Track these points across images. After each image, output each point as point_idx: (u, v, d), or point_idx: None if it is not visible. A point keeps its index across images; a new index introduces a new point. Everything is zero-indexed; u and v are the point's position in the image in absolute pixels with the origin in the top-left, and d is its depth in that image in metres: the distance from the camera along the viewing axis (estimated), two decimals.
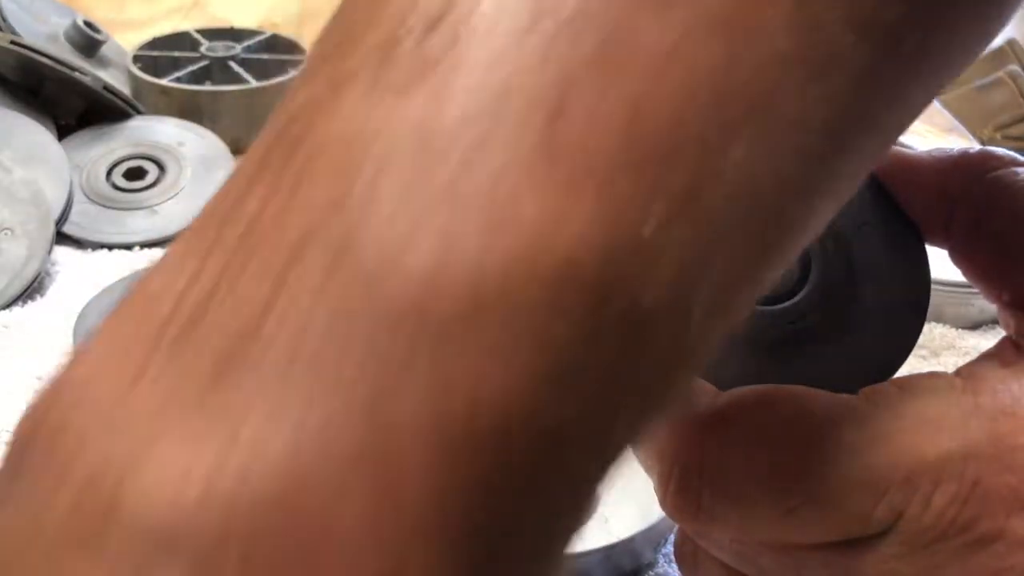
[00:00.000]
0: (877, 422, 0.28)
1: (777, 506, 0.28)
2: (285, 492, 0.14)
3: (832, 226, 0.35)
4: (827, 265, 0.37)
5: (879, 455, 0.28)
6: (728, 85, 0.16)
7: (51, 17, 0.90)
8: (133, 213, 0.72)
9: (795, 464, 0.28)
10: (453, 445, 0.14)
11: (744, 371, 0.35)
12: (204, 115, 0.83)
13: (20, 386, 0.57)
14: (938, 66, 0.22)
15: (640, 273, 0.16)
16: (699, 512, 0.30)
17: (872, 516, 0.28)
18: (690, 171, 0.16)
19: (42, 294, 0.65)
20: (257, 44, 0.93)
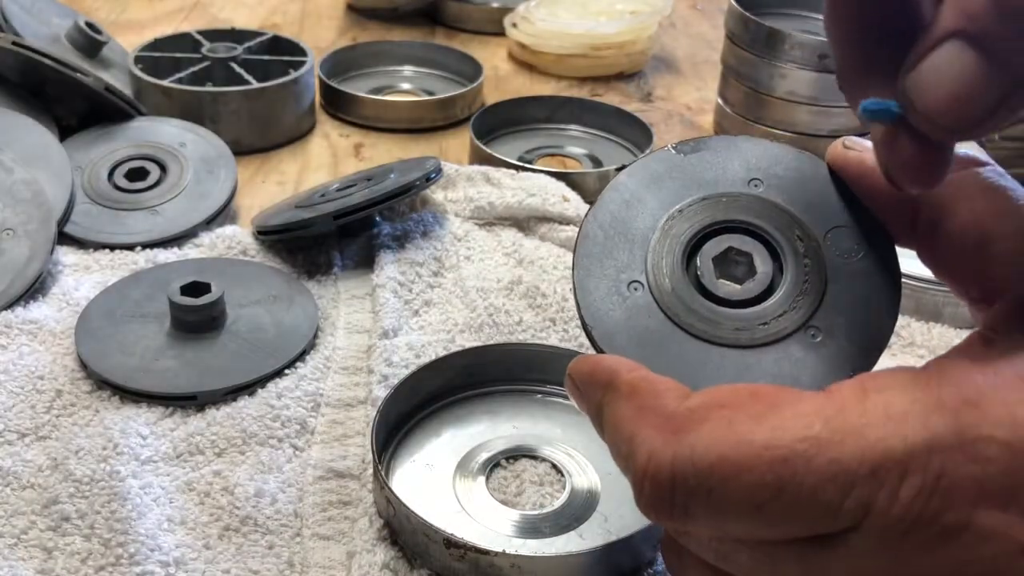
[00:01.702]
0: (843, 417, 0.29)
1: (747, 502, 0.29)
2: None
3: (803, 228, 0.38)
4: (799, 267, 0.38)
5: (845, 450, 0.28)
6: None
7: (53, 18, 0.90)
8: (135, 213, 0.73)
9: (763, 461, 0.29)
10: None
11: (716, 371, 0.36)
12: (205, 116, 0.83)
13: (22, 387, 0.57)
14: None
15: None
16: (672, 510, 0.31)
17: (840, 510, 0.28)
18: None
19: (44, 294, 0.65)
20: (258, 45, 0.93)
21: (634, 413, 0.33)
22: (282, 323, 0.62)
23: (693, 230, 0.39)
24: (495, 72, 1.04)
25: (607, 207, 0.40)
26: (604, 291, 0.38)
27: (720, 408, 0.31)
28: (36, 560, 0.47)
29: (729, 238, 0.39)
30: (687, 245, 0.39)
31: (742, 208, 0.39)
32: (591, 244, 0.39)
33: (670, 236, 0.39)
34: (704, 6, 1.26)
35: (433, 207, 0.75)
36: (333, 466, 0.53)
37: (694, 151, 0.40)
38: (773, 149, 0.40)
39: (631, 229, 0.39)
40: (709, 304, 0.38)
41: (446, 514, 0.50)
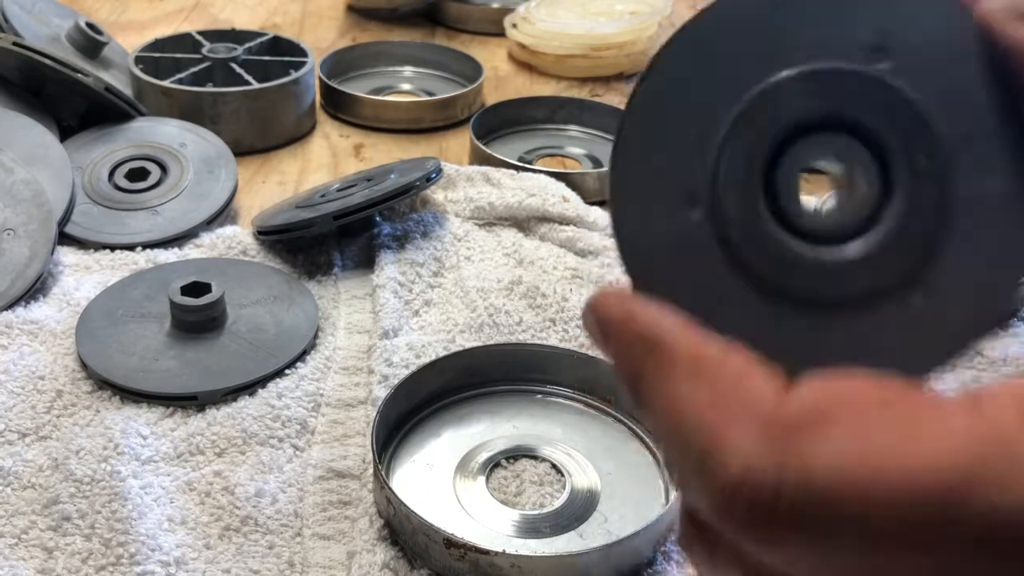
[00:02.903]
0: (1007, 446, 0.23)
1: (877, 542, 0.23)
2: None
3: (932, 134, 0.27)
4: (915, 193, 0.27)
5: (1010, 496, 0.22)
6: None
7: (53, 19, 0.90)
8: (135, 214, 0.73)
9: (908, 495, 0.23)
10: None
11: (778, 337, 0.28)
12: (206, 116, 0.83)
13: (22, 387, 0.57)
14: None
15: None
16: (768, 534, 0.24)
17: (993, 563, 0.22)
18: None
19: (44, 295, 0.65)
20: (259, 46, 0.93)
21: (713, 401, 0.25)
22: (282, 323, 0.62)
23: (779, 125, 0.28)
24: (495, 72, 1.05)
25: (665, 75, 0.29)
26: (650, 201, 0.28)
27: (845, 414, 0.24)
28: (37, 560, 0.47)
29: (826, 142, 0.28)
30: (769, 148, 0.28)
31: (852, 95, 0.27)
32: (639, 128, 0.29)
33: (747, 132, 0.28)
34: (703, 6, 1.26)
35: (433, 207, 0.75)
36: (333, 466, 0.53)
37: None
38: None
39: (695, 114, 0.28)
40: (785, 237, 0.28)
41: (446, 514, 0.50)
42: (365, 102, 0.92)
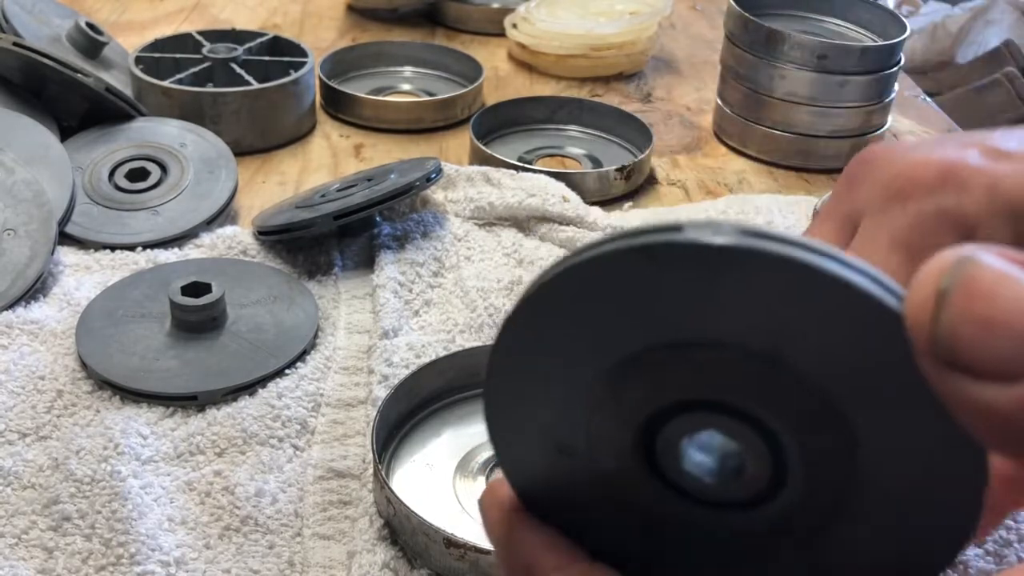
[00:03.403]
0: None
1: None
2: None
3: (832, 416, 0.22)
4: (814, 476, 0.24)
5: None
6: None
7: (53, 19, 0.90)
8: (135, 214, 0.73)
9: None
10: None
11: (668, 564, 0.26)
12: (206, 116, 0.83)
13: (23, 387, 0.57)
14: None
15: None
16: None
17: None
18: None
19: (45, 295, 0.65)
20: (259, 46, 0.93)
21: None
22: (282, 323, 0.62)
23: (651, 403, 0.24)
24: (495, 73, 1.05)
25: (531, 329, 0.25)
26: (527, 442, 0.27)
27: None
28: (37, 560, 0.47)
29: (709, 420, 0.24)
30: (643, 420, 0.25)
31: (738, 380, 0.23)
32: (510, 373, 0.26)
33: (619, 400, 0.24)
34: (703, 7, 1.26)
35: (433, 207, 0.75)
36: (333, 466, 0.53)
37: (682, 269, 0.22)
38: (823, 294, 0.21)
39: (564, 369, 0.25)
40: (668, 496, 0.26)
41: (446, 514, 0.50)
42: (365, 102, 0.92)
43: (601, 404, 0.25)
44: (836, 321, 0.21)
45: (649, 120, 0.89)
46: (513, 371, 0.26)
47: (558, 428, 0.26)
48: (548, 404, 0.26)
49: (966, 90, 2.08)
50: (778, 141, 0.86)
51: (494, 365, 0.26)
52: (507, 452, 0.27)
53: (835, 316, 0.21)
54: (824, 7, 0.91)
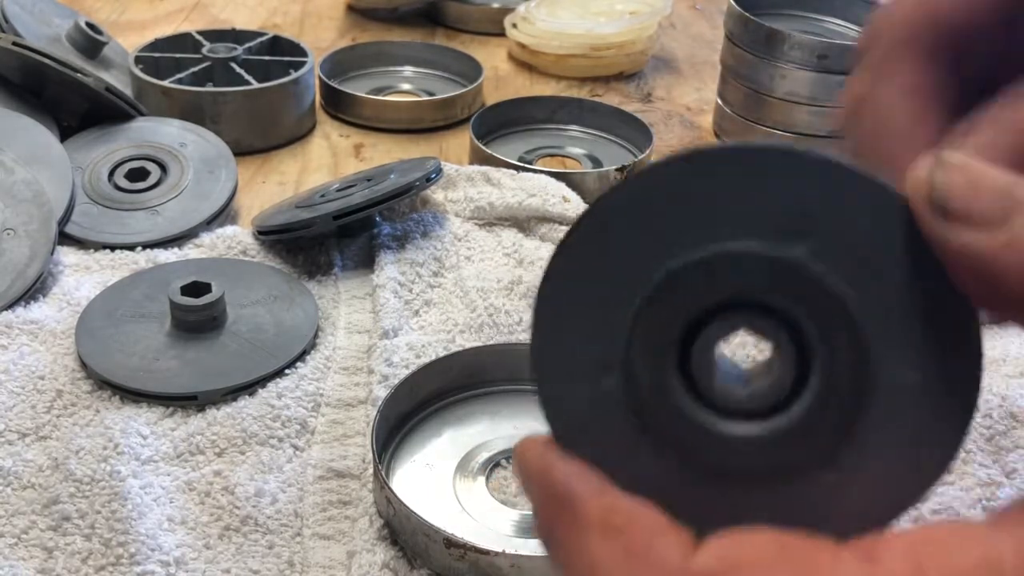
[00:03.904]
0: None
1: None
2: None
3: (850, 317, 0.26)
4: (832, 374, 0.27)
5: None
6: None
7: (53, 19, 0.90)
8: (135, 214, 0.73)
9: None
10: None
11: (693, 508, 0.27)
12: (206, 116, 0.83)
13: (22, 387, 0.57)
14: None
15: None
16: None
17: None
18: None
19: (44, 294, 0.65)
20: (259, 46, 0.93)
21: (623, 560, 0.26)
22: (282, 323, 0.62)
23: (694, 304, 0.27)
24: (495, 72, 1.05)
25: (584, 243, 0.28)
26: (567, 368, 0.28)
27: (743, 567, 0.25)
28: (36, 560, 0.47)
29: (742, 321, 0.27)
30: (683, 323, 0.27)
31: (770, 278, 0.26)
32: (557, 297, 0.28)
33: (662, 306, 0.27)
34: (703, 6, 1.26)
35: (433, 207, 0.75)
36: (333, 466, 0.53)
37: (718, 167, 0.27)
38: (833, 174, 0.26)
39: (610, 286, 0.27)
40: (700, 413, 0.27)
41: (446, 514, 0.50)
42: (365, 102, 0.92)
43: (645, 312, 0.27)
44: (850, 206, 0.26)
45: (649, 120, 0.89)
46: (566, 287, 0.28)
47: (601, 345, 0.28)
48: (595, 319, 0.28)
49: None
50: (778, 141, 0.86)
51: (545, 289, 0.28)
52: (548, 384, 0.29)
53: (850, 201, 0.26)
54: (824, 7, 0.91)
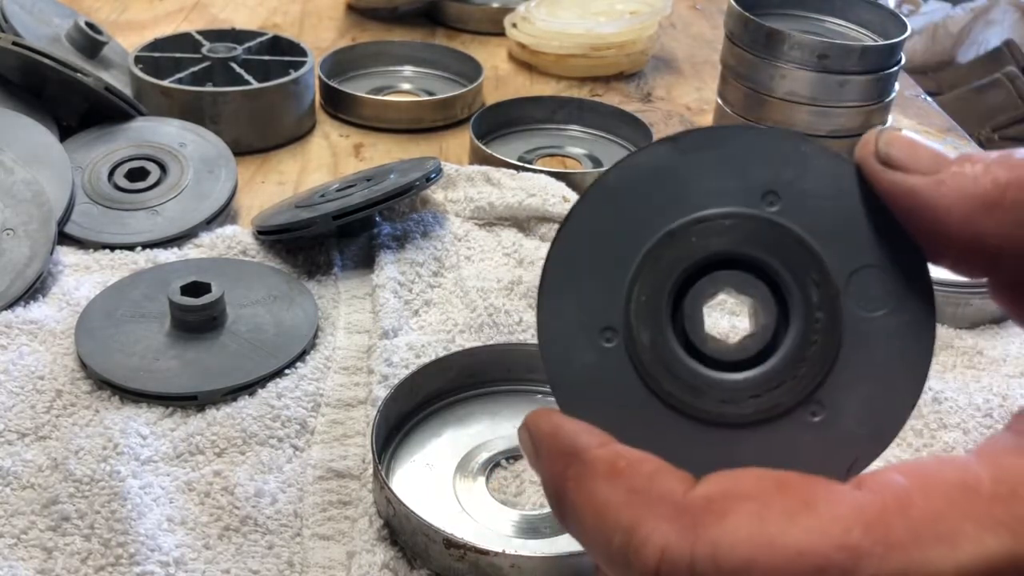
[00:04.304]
0: (886, 526, 0.25)
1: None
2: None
3: (821, 268, 0.30)
4: (808, 322, 0.30)
5: (887, 566, 0.25)
6: None
7: (53, 18, 0.90)
8: (135, 214, 0.73)
9: (798, 568, 0.26)
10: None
11: (691, 453, 0.30)
12: (206, 116, 0.83)
13: (22, 387, 0.57)
14: None
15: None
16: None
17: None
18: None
19: (44, 294, 0.65)
20: (258, 45, 0.93)
21: (628, 498, 0.28)
22: (282, 323, 0.62)
23: (683, 264, 0.31)
24: (495, 72, 1.05)
25: (582, 221, 0.32)
26: (572, 335, 0.31)
27: (745, 499, 0.27)
28: (36, 560, 0.47)
29: (727, 277, 0.31)
30: (675, 283, 0.31)
31: (748, 236, 0.30)
32: (560, 270, 0.32)
33: (655, 269, 0.31)
34: (704, 6, 1.26)
35: (433, 207, 0.75)
36: (333, 466, 0.53)
37: (698, 148, 0.31)
38: (801, 149, 0.31)
39: (609, 255, 0.31)
40: (694, 365, 0.31)
41: (446, 514, 0.50)
42: (365, 102, 0.92)
43: (641, 275, 0.31)
44: (812, 172, 0.31)
45: (649, 120, 0.89)
46: (569, 258, 0.31)
47: (603, 309, 0.31)
48: (598, 284, 0.31)
49: (966, 89, 2.08)
50: None
51: (553, 254, 0.32)
52: (553, 349, 0.31)
53: (812, 168, 0.31)
54: (825, 7, 0.91)
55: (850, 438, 0.30)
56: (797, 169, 0.31)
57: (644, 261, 0.31)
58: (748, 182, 0.31)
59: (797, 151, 0.31)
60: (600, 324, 0.31)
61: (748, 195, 0.31)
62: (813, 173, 0.30)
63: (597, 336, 0.31)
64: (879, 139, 0.30)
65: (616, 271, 0.31)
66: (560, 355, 0.31)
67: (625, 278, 0.31)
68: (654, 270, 0.31)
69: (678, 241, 0.31)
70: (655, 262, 0.31)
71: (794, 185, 0.30)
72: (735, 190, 0.31)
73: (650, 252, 0.31)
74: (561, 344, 0.31)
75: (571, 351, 0.31)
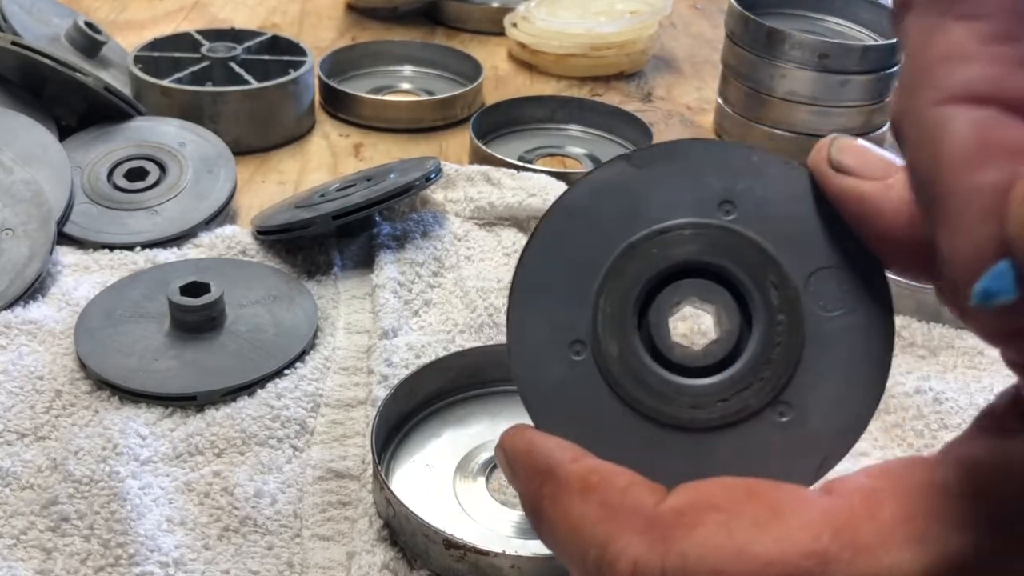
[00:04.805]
0: (854, 530, 0.26)
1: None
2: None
3: (779, 271, 0.31)
4: (770, 325, 0.31)
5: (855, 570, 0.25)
6: None
7: (52, 18, 0.90)
8: (134, 213, 0.73)
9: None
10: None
11: (667, 460, 0.31)
12: (205, 116, 0.83)
13: (21, 387, 0.57)
14: None
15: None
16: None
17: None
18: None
19: (43, 294, 0.65)
20: (258, 45, 0.93)
21: (601, 513, 0.28)
22: (282, 323, 0.62)
23: (646, 275, 0.31)
24: (495, 72, 1.04)
25: (546, 239, 0.32)
26: (541, 350, 0.32)
27: (714, 510, 0.27)
28: (35, 561, 0.47)
29: (689, 285, 0.32)
30: (639, 294, 0.31)
31: (707, 244, 0.31)
32: (527, 288, 0.32)
33: (619, 282, 0.31)
34: (704, 6, 1.26)
35: (433, 207, 0.75)
36: (333, 466, 0.53)
37: (653, 162, 0.32)
38: (753, 159, 0.32)
39: (574, 271, 0.32)
40: (662, 373, 0.31)
41: (446, 515, 0.50)
42: (365, 101, 0.92)
43: (606, 287, 0.31)
44: (766, 181, 0.31)
45: (650, 120, 0.89)
46: (535, 275, 0.32)
47: (571, 324, 0.32)
48: (564, 299, 0.32)
49: None
50: (779, 141, 0.86)
51: (519, 272, 0.32)
52: (523, 367, 0.32)
53: (766, 177, 0.31)
54: (825, 6, 0.91)
55: (818, 436, 0.30)
56: (750, 178, 0.32)
57: (608, 274, 0.32)
58: (704, 193, 0.31)
59: (748, 161, 0.32)
60: (569, 338, 0.32)
61: (705, 205, 0.31)
62: (766, 181, 0.31)
63: (566, 350, 0.32)
64: (832, 146, 0.31)
65: (582, 285, 0.32)
66: (531, 371, 0.32)
67: (591, 292, 0.32)
68: (618, 282, 0.31)
69: (640, 253, 0.31)
70: (619, 275, 0.31)
71: (748, 194, 0.31)
72: (692, 201, 0.31)
73: (613, 265, 0.32)
74: (531, 360, 0.32)
75: (541, 366, 0.32)
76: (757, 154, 0.32)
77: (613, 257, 0.32)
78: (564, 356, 0.32)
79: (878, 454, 0.56)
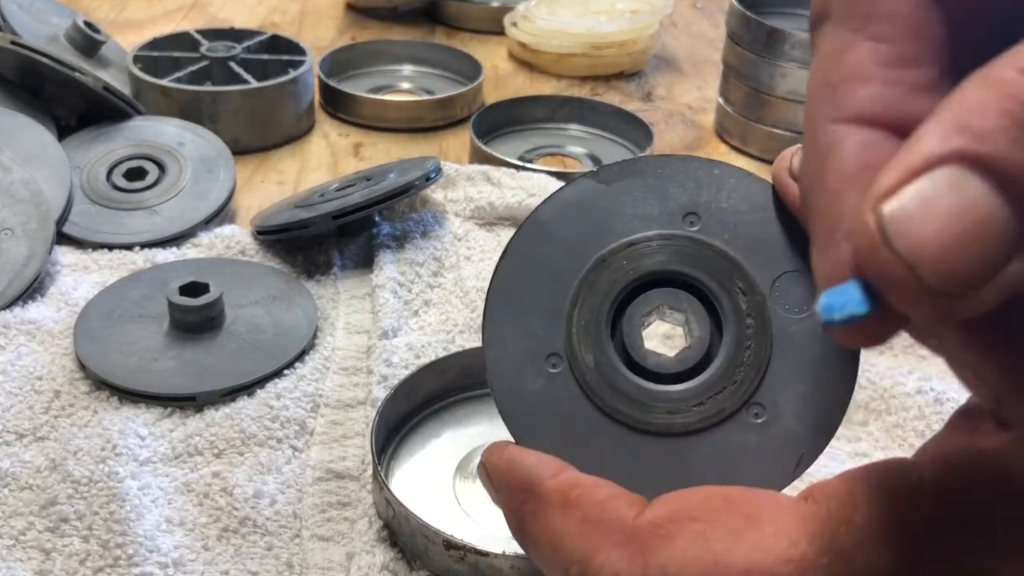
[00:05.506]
0: (830, 535, 0.26)
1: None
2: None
3: (746, 277, 0.32)
4: (740, 329, 0.32)
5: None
6: None
7: (51, 17, 0.90)
8: (133, 213, 0.73)
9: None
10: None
11: (647, 467, 0.31)
12: (204, 115, 0.83)
13: (20, 387, 0.57)
14: None
15: None
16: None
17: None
18: None
19: (42, 294, 0.65)
20: (257, 44, 0.93)
21: (582, 528, 0.29)
22: (281, 323, 0.62)
23: (618, 286, 0.32)
24: (495, 71, 1.04)
25: (519, 256, 0.33)
26: (518, 364, 0.33)
27: (691, 520, 0.27)
28: (34, 561, 0.47)
29: (659, 295, 0.33)
30: (612, 306, 0.33)
31: (675, 254, 0.32)
32: (502, 304, 0.33)
33: (592, 294, 0.32)
34: (705, 5, 1.26)
35: (433, 207, 0.75)
36: (332, 467, 0.53)
37: (619, 178, 0.33)
38: (714, 172, 0.33)
39: (547, 285, 0.33)
40: (637, 381, 0.32)
41: (446, 515, 0.50)
42: (364, 101, 0.92)
43: (579, 300, 0.32)
44: (729, 192, 0.33)
45: (650, 119, 0.89)
46: (509, 293, 0.33)
47: (547, 337, 0.32)
48: (539, 314, 0.33)
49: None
50: (780, 140, 0.86)
51: (492, 291, 0.33)
52: (501, 383, 0.32)
53: (728, 189, 0.33)
54: None
55: (792, 435, 0.31)
56: (713, 190, 0.33)
57: (581, 287, 0.33)
58: (669, 206, 0.33)
59: (710, 174, 0.33)
60: (545, 351, 0.32)
61: (670, 218, 0.33)
62: (728, 192, 0.33)
63: (543, 363, 0.32)
64: (793, 156, 0.31)
65: (555, 299, 0.33)
66: (508, 385, 0.32)
67: (564, 305, 0.33)
68: (591, 295, 0.32)
69: (610, 265, 0.33)
70: (591, 287, 0.33)
71: (712, 205, 0.33)
72: (658, 214, 0.33)
73: (585, 278, 0.33)
74: (508, 374, 0.32)
75: (519, 380, 0.32)
76: (717, 167, 0.33)
77: (585, 270, 0.33)
78: (541, 369, 0.32)
79: (879, 455, 0.56)
